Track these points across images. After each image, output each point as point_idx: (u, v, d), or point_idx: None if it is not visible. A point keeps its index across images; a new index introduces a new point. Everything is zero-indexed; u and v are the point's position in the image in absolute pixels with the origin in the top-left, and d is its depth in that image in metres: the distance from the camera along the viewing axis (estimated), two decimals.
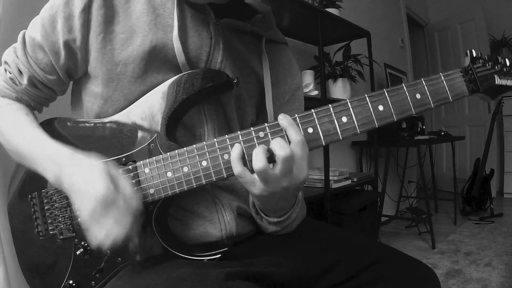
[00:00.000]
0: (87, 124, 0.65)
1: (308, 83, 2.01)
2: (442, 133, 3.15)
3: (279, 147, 0.51)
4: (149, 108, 0.62)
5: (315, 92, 1.99)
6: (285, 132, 0.54)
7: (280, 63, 0.78)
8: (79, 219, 0.60)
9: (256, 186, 0.54)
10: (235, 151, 0.54)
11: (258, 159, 0.51)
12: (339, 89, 2.28)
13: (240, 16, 0.70)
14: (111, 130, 0.63)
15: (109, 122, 0.64)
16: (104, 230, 0.52)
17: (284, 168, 0.52)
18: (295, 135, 0.53)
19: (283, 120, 0.54)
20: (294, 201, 0.65)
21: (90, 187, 0.52)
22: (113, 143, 0.63)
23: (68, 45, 0.63)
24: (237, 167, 0.53)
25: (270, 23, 0.77)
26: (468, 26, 4.10)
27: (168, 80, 0.62)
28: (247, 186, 0.55)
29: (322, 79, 1.96)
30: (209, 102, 0.67)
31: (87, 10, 0.61)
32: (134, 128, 0.62)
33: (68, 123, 0.67)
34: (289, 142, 0.53)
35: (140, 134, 0.62)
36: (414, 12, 4.28)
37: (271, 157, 0.53)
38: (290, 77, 0.79)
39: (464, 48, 4.16)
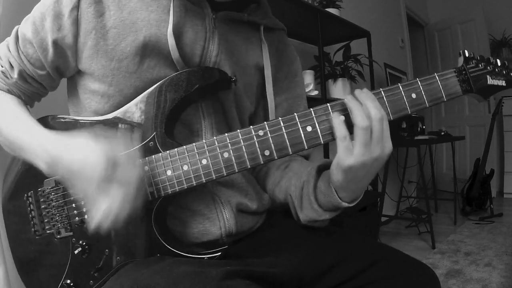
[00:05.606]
0: (84, 122, 0.65)
1: (308, 83, 2.00)
2: (442, 133, 3.14)
3: (373, 107, 0.54)
4: (146, 105, 0.62)
5: (315, 92, 1.99)
6: (365, 104, 0.55)
7: (278, 49, 0.78)
8: (82, 202, 0.58)
9: (353, 152, 0.54)
10: (338, 117, 0.56)
11: (363, 118, 0.53)
12: (339, 89, 2.28)
13: (236, 6, 0.70)
14: (110, 128, 0.63)
15: (108, 119, 0.63)
16: (113, 198, 0.52)
17: (379, 129, 0.54)
18: (376, 106, 0.55)
19: (360, 94, 0.57)
20: (366, 187, 0.63)
21: (89, 168, 0.52)
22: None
23: (56, 43, 0.63)
24: (343, 130, 0.55)
25: (266, 11, 0.77)
26: (468, 26, 4.10)
27: (166, 78, 0.62)
28: (344, 153, 0.55)
29: (322, 79, 1.96)
30: (206, 97, 0.67)
31: (76, 9, 0.61)
32: (132, 126, 0.62)
33: (65, 121, 0.66)
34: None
35: (139, 132, 0.61)
36: (414, 12, 4.28)
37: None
38: (287, 63, 0.79)
39: (464, 48, 4.15)
